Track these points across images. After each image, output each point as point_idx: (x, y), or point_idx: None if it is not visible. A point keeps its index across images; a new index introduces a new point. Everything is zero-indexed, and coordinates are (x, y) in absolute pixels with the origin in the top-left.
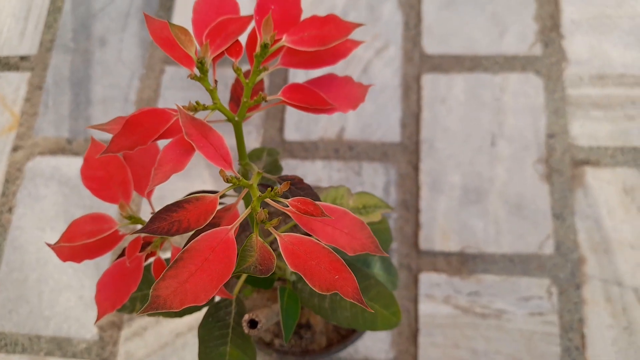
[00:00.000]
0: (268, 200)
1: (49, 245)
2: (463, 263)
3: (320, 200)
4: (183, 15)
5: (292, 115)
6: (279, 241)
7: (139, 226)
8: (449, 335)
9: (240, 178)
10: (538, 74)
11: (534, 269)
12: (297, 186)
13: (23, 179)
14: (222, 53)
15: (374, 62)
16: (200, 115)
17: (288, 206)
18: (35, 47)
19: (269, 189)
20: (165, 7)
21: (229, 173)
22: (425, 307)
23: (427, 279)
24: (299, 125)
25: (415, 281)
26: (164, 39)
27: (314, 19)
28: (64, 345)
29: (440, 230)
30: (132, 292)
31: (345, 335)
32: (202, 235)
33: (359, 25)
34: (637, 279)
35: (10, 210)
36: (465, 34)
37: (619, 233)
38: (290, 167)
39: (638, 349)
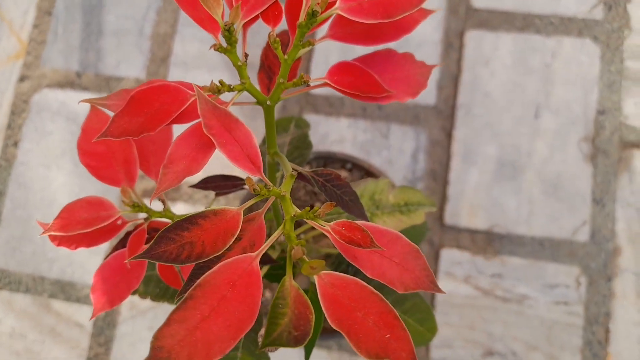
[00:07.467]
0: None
1: (40, 224)
2: (489, 242)
3: (359, 201)
4: None
5: (319, 62)
6: (317, 283)
7: (143, 214)
8: (466, 316)
9: (272, 188)
10: (596, 40)
11: (564, 256)
12: (332, 183)
13: (29, 112)
14: (256, 17)
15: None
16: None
17: (327, 227)
18: None
19: (307, 208)
20: None
21: (256, 179)
22: (443, 285)
23: (449, 256)
24: None
25: (436, 257)
26: None
27: None
28: (67, 289)
29: (468, 205)
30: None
31: None
32: (220, 266)
33: None
34: None
35: (15, 144)
36: None
37: None
38: (313, 123)
39: None
